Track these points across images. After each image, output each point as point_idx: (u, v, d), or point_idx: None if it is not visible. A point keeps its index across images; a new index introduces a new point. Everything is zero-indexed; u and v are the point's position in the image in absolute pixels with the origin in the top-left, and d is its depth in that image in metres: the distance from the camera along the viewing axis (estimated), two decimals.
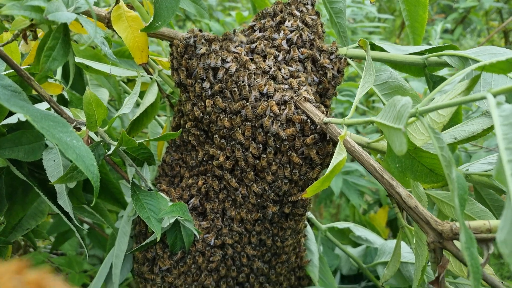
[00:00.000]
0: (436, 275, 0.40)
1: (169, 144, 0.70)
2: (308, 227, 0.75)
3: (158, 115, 0.85)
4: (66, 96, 0.70)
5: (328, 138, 0.51)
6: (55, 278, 0.17)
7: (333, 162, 0.42)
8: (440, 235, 0.40)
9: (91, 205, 0.66)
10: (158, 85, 0.70)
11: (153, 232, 0.56)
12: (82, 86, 0.77)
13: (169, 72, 0.71)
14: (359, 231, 0.83)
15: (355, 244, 0.96)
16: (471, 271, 0.31)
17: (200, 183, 0.63)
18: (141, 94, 0.70)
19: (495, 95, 0.32)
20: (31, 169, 0.59)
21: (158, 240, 0.51)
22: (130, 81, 0.93)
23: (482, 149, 1.01)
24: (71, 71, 0.52)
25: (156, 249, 0.60)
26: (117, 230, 0.66)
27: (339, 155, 0.43)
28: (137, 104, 0.76)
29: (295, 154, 0.53)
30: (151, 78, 0.69)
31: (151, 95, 0.65)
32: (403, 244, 0.75)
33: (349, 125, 0.48)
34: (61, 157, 0.58)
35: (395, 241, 0.66)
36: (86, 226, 1.18)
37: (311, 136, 0.51)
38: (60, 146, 0.38)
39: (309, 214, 0.77)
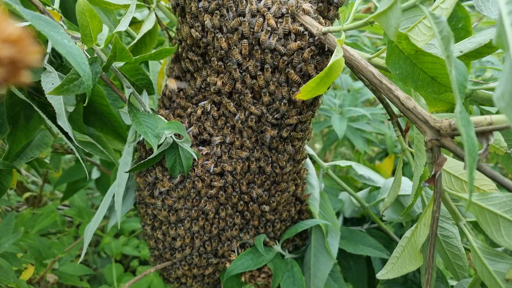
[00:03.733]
0: (433, 173, 0.39)
1: (168, 77, 0.69)
2: (310, 162, 0.75)
3: None
4: (65, 27, 0.69)
5: (326, 50, 0.50)
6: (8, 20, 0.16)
7: (330, 62, 0.41)
8: (438, 132, 0.38)
9: (91, 135, 0.67)
10: (156, 16, 0.69)
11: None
12: None
13: (168, 4, 0.69)
14: (362, 170, 0.82)
15: (358, 190, 0.95)
16: (466, 147, 0.30)
17: (199, 111, 0.63)
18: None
19: None
20: (31, 92, 0.59)
21: (155, 151, 0.51)
22: (132, 23, 0.91)
23: None
24: None
25: (156, 173, 0.60)
26: None
27: (336, 56, 0.42)
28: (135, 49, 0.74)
29: (293, 71, 0.52)
30: (149, 8, 0.68)
31: (149, 23, 0.64)
32: (404, 178, 0.75)
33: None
34: (60, 81, 0.58)
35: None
36: (95, 176, 1.20)
37: (309, 48, 0.49)
38: (50, 41, 0.37)
39: (310, 151, 0.77)
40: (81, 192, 1.39)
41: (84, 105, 0.46)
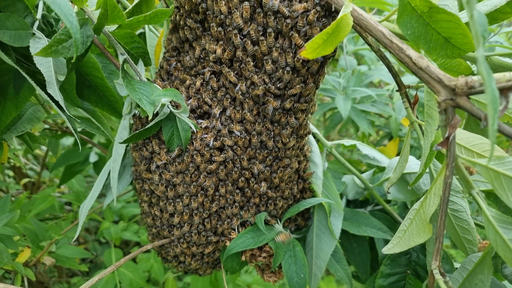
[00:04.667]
0: (446, 135, 0.36)
1: (166, 49, 0.66)
2: (313, 140, 0.72)
3: (155, 28, 0.81)
4: None
5: (333, 11, 0.47)
6: None
7: (338, 17, 0.38)
8: (453, 91, 0.36)
9: (86, 109, 0.64)
10: None
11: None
12: None
13: None
14: (366, 149, 0.79)
15: (362, 173, 0.93)
16: (488, 96, 0.28)
17: (198, 83, 0.60)
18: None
19: None
20: (20, 59, 0.56)
21: (150, 118, 0.48)
22: None
23: None
24: None
25: (152, 146, 0.58)
26: None
27: (343, 12, 0.39)
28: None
29: (297, 35, 0.49)
30: None
31: None
32: (411, 156, 0.72)
33: None
34: None
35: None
36: (93, 160, 1.18)
37: (314, 9, 0.47)
38: None
39: (314, 129, 0.74)
40: (79, 178, 1.37)
41: (72, 61, 0.43)
